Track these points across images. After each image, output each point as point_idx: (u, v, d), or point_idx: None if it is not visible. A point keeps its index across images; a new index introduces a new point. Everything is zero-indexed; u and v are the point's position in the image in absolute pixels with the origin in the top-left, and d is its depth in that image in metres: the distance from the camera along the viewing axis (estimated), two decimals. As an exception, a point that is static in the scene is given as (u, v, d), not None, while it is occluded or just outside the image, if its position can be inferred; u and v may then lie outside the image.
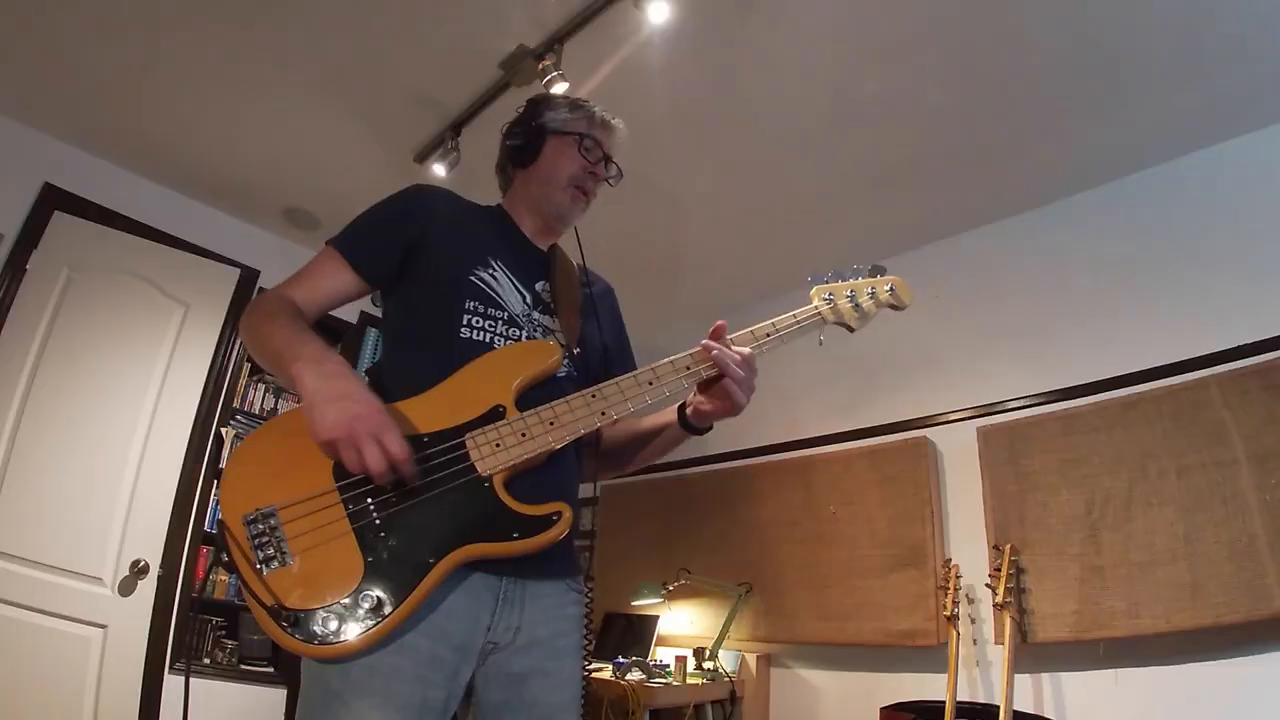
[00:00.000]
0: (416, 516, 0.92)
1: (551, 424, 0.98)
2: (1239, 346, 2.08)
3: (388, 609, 0.86)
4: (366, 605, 0.86)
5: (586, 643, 1.07)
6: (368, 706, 0.86)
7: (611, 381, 1.04)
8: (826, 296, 1.17)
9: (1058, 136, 2.39)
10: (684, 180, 2.70)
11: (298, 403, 0.94)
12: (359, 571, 0.88)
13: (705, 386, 1.09)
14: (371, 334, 3.45)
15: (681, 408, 1.15)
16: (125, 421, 2.64)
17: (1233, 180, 2.29)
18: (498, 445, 0.96)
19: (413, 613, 0.88)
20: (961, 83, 2.21)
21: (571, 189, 1.21)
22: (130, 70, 2.34)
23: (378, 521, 0.91)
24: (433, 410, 0.98)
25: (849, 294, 1.18)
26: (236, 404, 3.00)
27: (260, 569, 0.86)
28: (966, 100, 2.27)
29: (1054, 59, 2.09)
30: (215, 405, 2.90)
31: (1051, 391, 2.44)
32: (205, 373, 2.87)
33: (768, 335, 1.12)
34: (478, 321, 1.07)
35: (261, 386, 3.14)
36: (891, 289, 1.20)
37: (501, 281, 1.12)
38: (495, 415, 0.98)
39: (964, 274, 2.85)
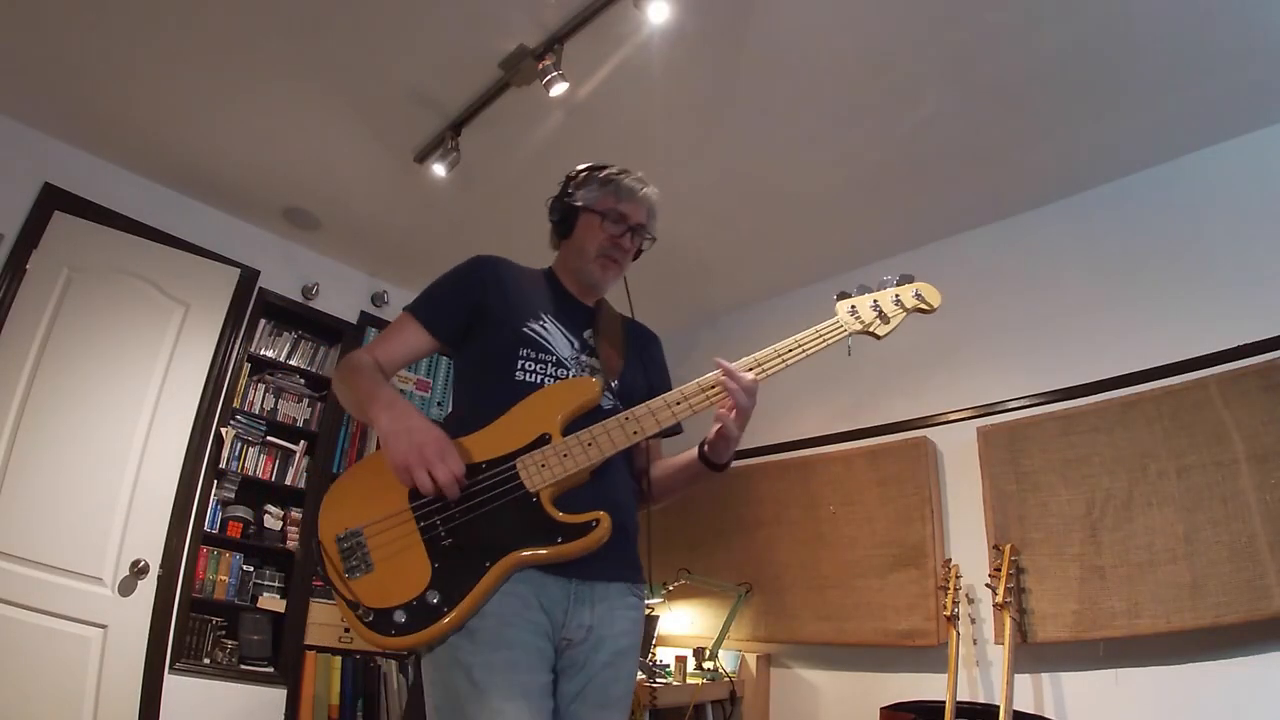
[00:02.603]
0: (475, 528, 1.07)
1: (589, 445, 1.11)
2: (1239, 346, 2.08)
3: (451, 605, 1.02)
4: (433, 602, 1.02)
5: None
6: (499, 698, 0.99)
7: (642, 405, 1.15)
8: (850, 308, 1.23)
9: (1057, 136, 2.39)
10: (684, 180, 2.71)
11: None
12: (427, 576, 1.04)
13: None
14: (371, 333, 3.45)
15: (701, 444, 1.25)
16: (125, 421, 2.64)
17: (1231, 180, 2.29)
18: (543, 466, 1.10)
19: (475, 608, 1.02)
20: (961, 83, 2.21)
21: (601, 259, 1.33)
22: (130, 70, 2.35)
23: (443, 534, 1.07)
24: (490, 442, 1.13)
25: (873, 303, 1.23)
26: (236, 404, 3.00)
27: (346, 577, 1.05)
28: (966, 100, 2.27)
29: (1054, 59, 2.09)
30: (215, 405, 2.90)
31: (1051, 391, 2.44)
32: (205, 373, 2.87)
33: (790, 351, 1.19)
34: (530, 365, 1.22)
35: (261, 387, 3.13)
36: (917, 293, 1.25)
37: (551, 331, 1.27)
38: (542, 441, 1.12)
39: (964, 274, 2.85)
